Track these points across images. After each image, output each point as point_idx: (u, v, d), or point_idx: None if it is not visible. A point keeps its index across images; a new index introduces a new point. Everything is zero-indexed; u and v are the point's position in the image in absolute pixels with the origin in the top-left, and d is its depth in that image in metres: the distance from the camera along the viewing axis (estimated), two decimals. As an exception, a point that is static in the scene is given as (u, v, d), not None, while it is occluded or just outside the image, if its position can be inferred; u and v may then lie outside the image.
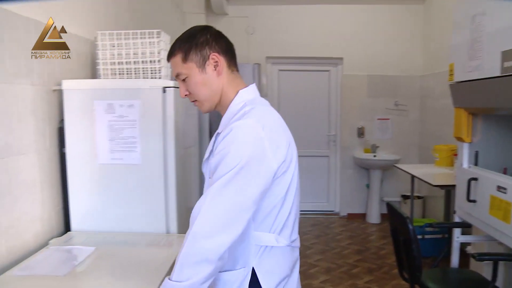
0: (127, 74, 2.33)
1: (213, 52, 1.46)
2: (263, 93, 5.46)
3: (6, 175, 1.83)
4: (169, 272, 1.75)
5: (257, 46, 5.89)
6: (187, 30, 1.51)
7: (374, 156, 5.86)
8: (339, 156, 6.17)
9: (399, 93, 5.94)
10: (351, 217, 6.09)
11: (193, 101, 1.53)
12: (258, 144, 1.33)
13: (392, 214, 2.66)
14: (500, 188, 2.34)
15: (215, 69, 1.46)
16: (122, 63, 2.33)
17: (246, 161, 1.29)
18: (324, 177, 6.30)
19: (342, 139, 6.11)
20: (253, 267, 1.42)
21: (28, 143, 1.99)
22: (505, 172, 2.66)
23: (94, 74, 2.50)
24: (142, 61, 2.32)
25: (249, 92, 1.52)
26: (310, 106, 6.19)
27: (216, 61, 1.46)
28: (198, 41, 1.46)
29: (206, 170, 1.52)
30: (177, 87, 2.23)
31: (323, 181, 6.30)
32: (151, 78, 2.31)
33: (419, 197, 5.54)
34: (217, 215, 1.27)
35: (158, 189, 2.19)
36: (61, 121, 2.19)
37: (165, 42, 2.37)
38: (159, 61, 2.31)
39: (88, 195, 2.20)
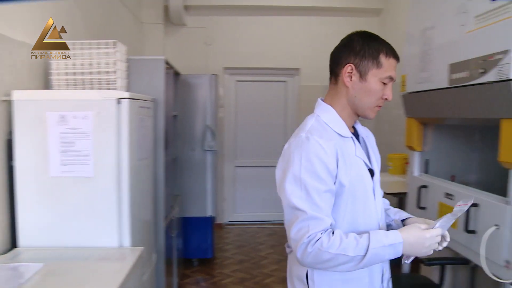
0: (82, 84, 2.29)
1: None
2: (219, 103, 5.48)
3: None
4: (122, 286, 1.71)
5: (215, 57, 5.90)
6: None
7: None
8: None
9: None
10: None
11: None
12: None
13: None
14: (448, 195, 2.43)
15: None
16: (76, 73, 2.29)
17: None
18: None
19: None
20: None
21: (-24, 155, 1.91)
22: (453, 179, 2.76)
23: (47, 85, 2.44)
24: (98, 72, 2.28)
25: None
26: (267, 117, 6.24)
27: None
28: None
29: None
30: (132, 98, 2.22)
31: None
32: (107, 89, 2.28)
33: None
34: None
35: (111, 202, 2.15)
36: (10, 132, 2.12)
37: (121, 53, 2.35)
38: (114, 71, 2.28)
39: (38, 210, 2.12)
